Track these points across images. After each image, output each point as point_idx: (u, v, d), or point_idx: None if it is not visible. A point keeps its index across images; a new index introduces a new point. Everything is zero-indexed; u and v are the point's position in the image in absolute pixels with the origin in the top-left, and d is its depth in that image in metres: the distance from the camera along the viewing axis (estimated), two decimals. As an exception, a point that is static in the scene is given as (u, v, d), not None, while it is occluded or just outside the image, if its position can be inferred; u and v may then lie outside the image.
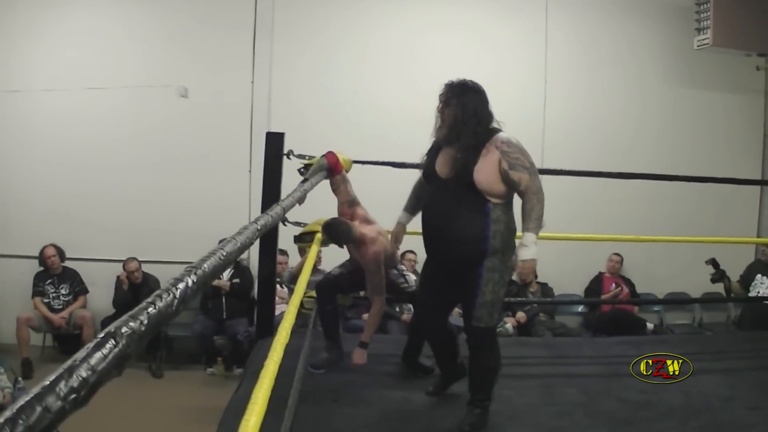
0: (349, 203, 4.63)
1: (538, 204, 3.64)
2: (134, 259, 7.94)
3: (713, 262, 7.19)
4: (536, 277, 8.15)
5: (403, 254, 7.38)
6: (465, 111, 3.71)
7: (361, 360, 4.65)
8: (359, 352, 4.66)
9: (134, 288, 7.85)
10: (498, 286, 3.72)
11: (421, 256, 4.10)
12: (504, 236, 3.69)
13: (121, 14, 8.38)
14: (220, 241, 1.46)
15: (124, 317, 0.90)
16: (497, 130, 3.73)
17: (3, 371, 5.75)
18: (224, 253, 1.32)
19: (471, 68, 8.24)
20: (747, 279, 8.04)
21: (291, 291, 6.48)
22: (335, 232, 4.45)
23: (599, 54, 8.93)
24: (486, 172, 3.66)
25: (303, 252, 6.13)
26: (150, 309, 0.94)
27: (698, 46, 8.06)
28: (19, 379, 6.24)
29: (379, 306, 4.59)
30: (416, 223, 4.12)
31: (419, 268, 4.81)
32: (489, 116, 3.77)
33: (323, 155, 4.66)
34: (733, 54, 8.31)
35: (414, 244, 4.94)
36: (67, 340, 7.96)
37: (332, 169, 4.59)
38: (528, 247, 3.63)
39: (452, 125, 3.74)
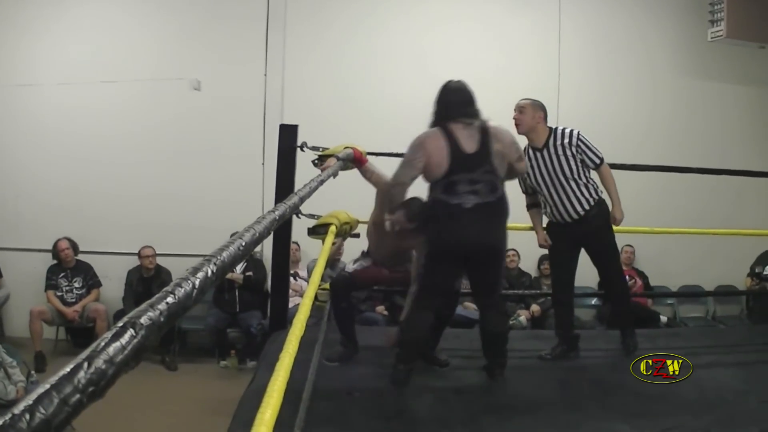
0: None
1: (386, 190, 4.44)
2: (149, 247, 7.99)
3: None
4: None
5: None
6: None
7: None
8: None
9: (145, 281, 7.88)
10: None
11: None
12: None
13: (133, 6, 8.40)
14: (232, 235, 1.44)
15: (143, 306, 0.88)
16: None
17: (16, 365, 5.73)
18: (243, 243, 1.31)
19: (484, 60, 8.38)
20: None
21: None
22: (418, 205, 4.39)
23: (612, 46, 8.91)
24: None
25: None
26: (169, 298, 0.93)
27: (712, 37, 8.03)
28: (32, 372, 6.22)
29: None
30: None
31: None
32: (435, 112, 4.28)
33: (346, 147, 4.65)
34: (747, 46, 8.27)
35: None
36: (81, 334, 7.99)
37: (358, 160, 4.60)
38: None
39: None
